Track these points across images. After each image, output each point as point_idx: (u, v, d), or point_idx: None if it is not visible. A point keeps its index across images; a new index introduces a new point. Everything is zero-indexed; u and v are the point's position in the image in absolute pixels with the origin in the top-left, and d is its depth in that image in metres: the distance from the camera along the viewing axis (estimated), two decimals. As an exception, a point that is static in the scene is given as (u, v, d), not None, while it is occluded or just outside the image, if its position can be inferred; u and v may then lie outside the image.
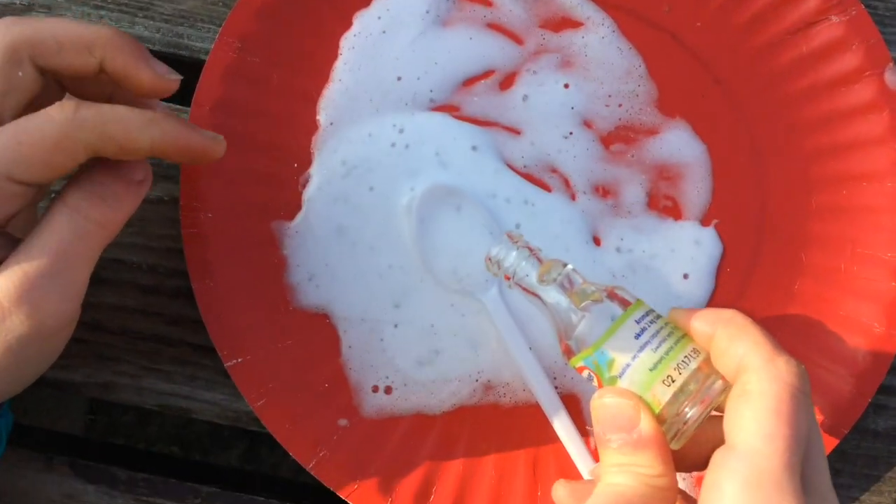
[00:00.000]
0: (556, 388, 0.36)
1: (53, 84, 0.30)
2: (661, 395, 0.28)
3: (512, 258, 0.32)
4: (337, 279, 0.37)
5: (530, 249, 0.32)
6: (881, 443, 0.38)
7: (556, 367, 0.37)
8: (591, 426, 0.32)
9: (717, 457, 0.26)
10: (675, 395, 0.28)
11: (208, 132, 0.30)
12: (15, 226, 0.29)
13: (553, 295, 0.31)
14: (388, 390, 0.36)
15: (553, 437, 0.36)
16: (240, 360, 0.35)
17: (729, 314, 0.29)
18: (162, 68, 0.30)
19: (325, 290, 0.37)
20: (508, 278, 0.32)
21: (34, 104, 0.28)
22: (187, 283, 0.36)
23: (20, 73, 0.28)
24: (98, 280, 0.37)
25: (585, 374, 0.30)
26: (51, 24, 0.28)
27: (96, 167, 0.29)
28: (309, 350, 0.36)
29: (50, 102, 0.28)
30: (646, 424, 0.27)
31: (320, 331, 0.37)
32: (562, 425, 0.36)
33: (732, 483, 0.25)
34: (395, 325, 0.37)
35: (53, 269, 0.27)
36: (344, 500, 0.35)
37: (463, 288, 0.37)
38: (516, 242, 0.32)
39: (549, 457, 0.36)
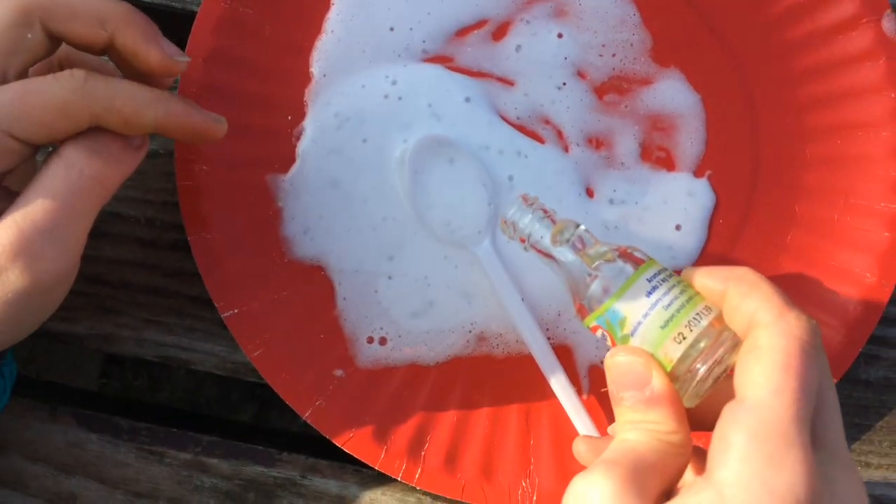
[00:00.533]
0: (548, 339, 0.37)
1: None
2: (672, 352, 0.28)
3: (526, 220, 0.32)
4: (331, 231, 0.37)
5: (545, 211, 0.32)
6: (872, 392, 0.38)
7: (547, 318, 0.37)
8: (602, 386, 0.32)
9: (727, 410, 0.26)
10: (686, 352, 0.28)
11: (210, 113, 0.31)
12: (12, 180, 0.29)
13: (566, 255, 0.31)
14: (382, 341, 0.37)
15: (545, 387, 0.36)
16: (236, 311, 0.36)
17: (741, 271, 0.29)
18: (171, 48, 0.30)
19: (320, 242, 0.37)
20: (524, 241, 0.32)
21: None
22: (184, 236, 0.36)
23: (29, 35, 0.28)
24: (97, 233, 0.37)
25: (599, 333, 0.30)
26: None
27: (95, 128, 0.29)
28: (305, 301, 0.37)
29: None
30: (657, 381, 0.28)
31: (315, 282, 0.37)
32: (553, 375, 0.36)
33: (740, 435, 0.25)
34: (390, 277, 0.37)
35: (49, 225, 0.27)
36: (341, 449, 0.36)
37: (456, 240, 0.37)
38: (531, 205, 0.32)
39: (541, 406, 0.37)
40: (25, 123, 0.27)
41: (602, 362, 0.37)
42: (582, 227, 0.32)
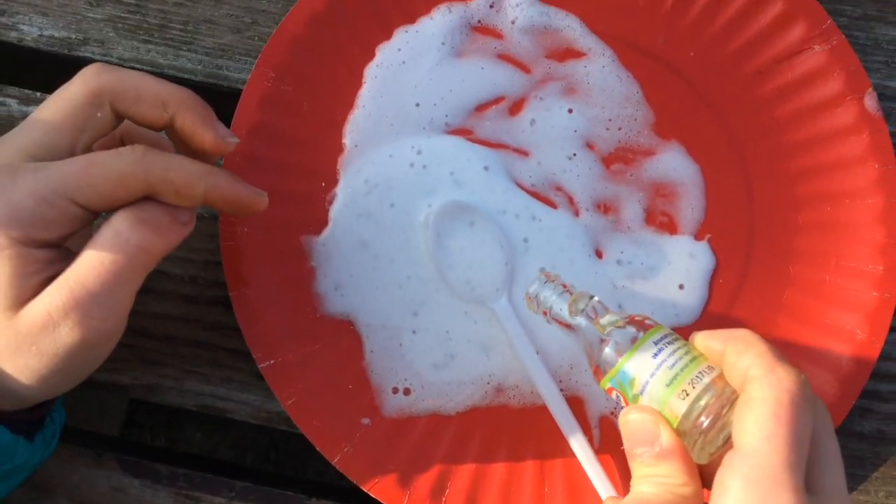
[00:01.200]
0: (561, 390, 0.39)
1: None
2: (677, 409, 0.30)
3: (546, 294, 0.35)
4: (360, 289, 0.40)
5: (563, 286, 0.35)
6: (866, 444, 0.41)
7: (561, 371, 0.40)
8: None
9: (725, 459, 0.28)
10: (690, 408, 0.30)
11: (254, 188, 0.34)
12: (73, 242, 0.32)
13: (582, 324, 0.34)
14: (406, 392, 0.40)
15: (558, 436, 0.39)
16: (272, 361, 0.39)
17: (738, 332, 0.31)
18: (223, 131, 0.33)
19: (350, 299, 0.40)
20: (546, 313, 0.36)
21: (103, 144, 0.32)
22: (225, 293, 0.39)
23: (99, 115, 0.31)
24: (144, 290, 0.40)
25: (614, 395, 0.33)
26: (135, 77, 0.32)
27: (147, 199, 0.32)
28: (335, 354, 0.40)
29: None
30: (665, 436, 0.30)
31: (345, 336, 0.40)
32: (566, 424, 0.38)
33: (735, 479, 0.27)
34: (414, 332, 0.40)
35: (97, 288, 0.29)
36: (366, 494, 0.38)
37: (475, 297, 0.40)
38: (553, 281, 0.36)
39: (555, 454, 0.39)
40: (88, 192, 0.30)
41: (612, 414, 0.40)
42: (595, 298, 0.35)
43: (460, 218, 0.41)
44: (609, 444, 0.39)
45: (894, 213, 0.40)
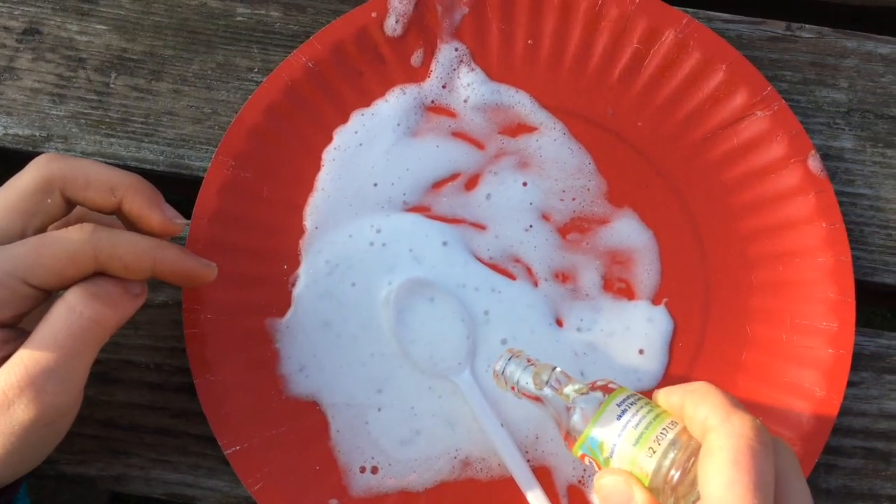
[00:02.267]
0: (528, 460, 0.40)
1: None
2: (646, 466, 0.31)
3: (511, 369, 0.36)
4: (324, 368, 0.40)
5: (528, 360, 0.36)
6: (833, 501, 0.41)
7: (526, 441, 0.40)
8: None
9: None
10: (659, 464, 0.30)
11: (202, 259, 0.35)
12: (27, 321, 0.32)
13: (549, 395, 0.35)
14: (374, 470, 0.40)
15: (528, 507, 0.39)
16: (238, 447, 0.39)
17: (695, 385, 0.32)
18: (171, 212, 0.34)
19: (314, 379, 0.40)
20: (514, 389, 0.36)
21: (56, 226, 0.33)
22: (190, 379, 0.39)
23: (49, 200, 0.32)
24: (110, 380, 0.41)
25: (587, 461, 0.33)
26: (84, 164, 0.33)
27: (98, 275, 0.32)
28: (301, 435, 0.40)
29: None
30: (639, 496, 0.30)
31: (311, 417, 0.40)
32: (534, 496, 0.39)
33: None
34: (379, 409, 0.40)
35: (51, 364, 0.30)
36: (337, 575, 0.38)
37: (439, 371, 0.40)
38: (517, 356, 0.36)
39: (525, 525, 0.39)
40: (39, 272, 0.30)
41: (579, 482, 0.40)
42: (558, 369, 0.35)
43: (421, 294, 0.41)
44: (578, 514, 0.39)
45: (844, 271, 0.41)
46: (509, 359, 0.36)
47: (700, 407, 0.30)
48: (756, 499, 0.27)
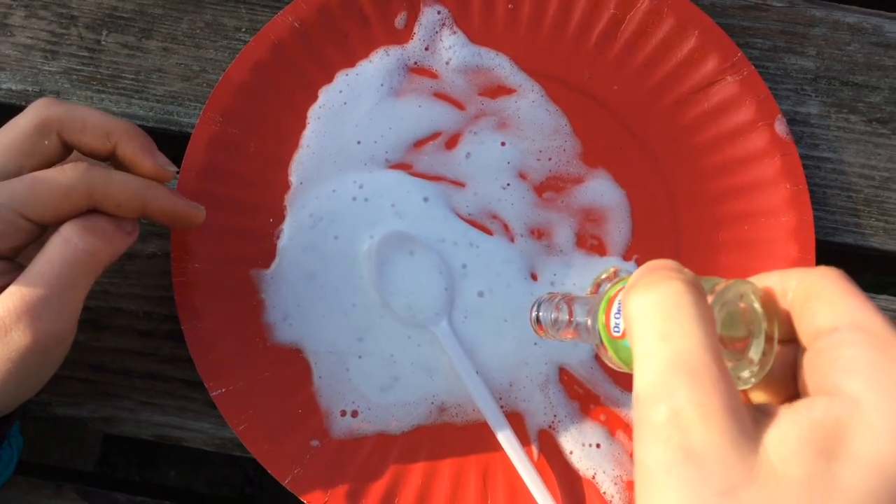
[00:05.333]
0: (501, 406, 0.42)
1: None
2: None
3: (546, 312, 0.34)
4: (308, 318, 0.42)
5: (561, 298, 0.34)
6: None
7: (500, 388, 0.42)
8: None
9: (820, 343, 0.24)
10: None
11: (191, 202, 0.36)
12: (26, 256, 0.34)
13: (576, 321, 0.32)
14: (354, 414, 0.42)
15: (500, 450, 0.41)
16: (223, 390, 0.40)
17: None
18: (162, 160, 0.36)
19: (298, 328, 0.42)
20: (569, 335, 0.33)
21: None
22: (178, 327, 0.41)
23: (46, 142, 0.34)
24: (101, 326, 0.42)
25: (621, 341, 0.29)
26: (82, 109, 0.35)
27: (92, 212, 0.34)
28: (284, 380, 0.41)
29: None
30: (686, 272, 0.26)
31: (294, 363, 0.42)
32: (506, 439, 0.41)
33: (856, 349, 0.23)
34: (360, 357, 0.42)
35: (47, 292, 0.31)
36: (318, 513, 0.40)
37: (418, 322, 0.42)
38: (552, 299, 0.35)
39: (497, 467, 0.41)
40: (35, 205, 0.32)
41: (550, 427, 0.42)
42: (558, 296, 0.34)
43: (401, 247, 0.43)
44: (548, 455, 0.41)
45: (806, 230, 0.43)
46: (538, 305, 0.35)
47: (765, 277, 0.27)
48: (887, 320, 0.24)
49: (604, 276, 0.33)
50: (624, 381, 0.42)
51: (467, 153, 0.44)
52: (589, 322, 0.31)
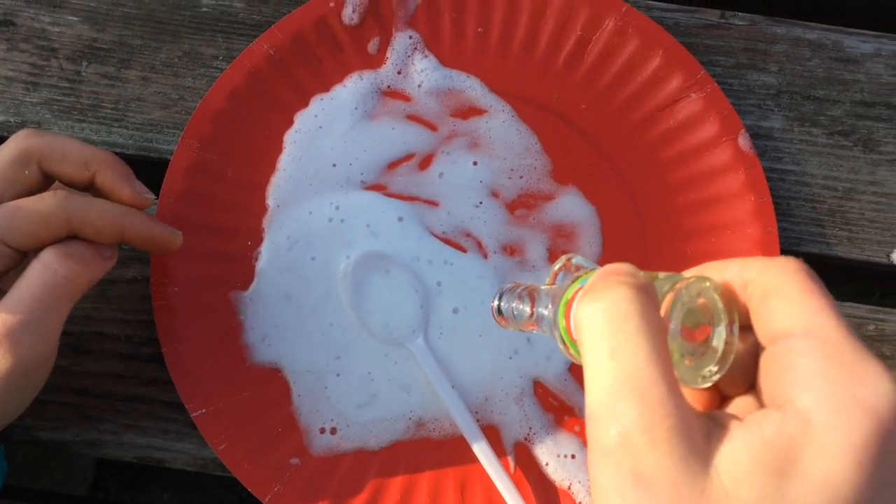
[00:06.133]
0: (477, 420, 0.42)
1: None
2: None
3: (507, 302, 0.33)
4: (286, 338, 0.43)
5: (523, 289, 0.33)
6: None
7: (476, 402, 0.43)
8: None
9: (773, 349, 0.24)
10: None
11: (168, 227, 0.37)
12: (7, 282, 0.35)
13: (537, 317, 0.32)
14: (333, 431, 0.42)
15: (477, 463, 0.42)
16: (203, 410, 0.41)
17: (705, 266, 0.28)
18: (140, 187, 0.37)
19: (276, 348, 0.43)
20: (531, 326, 0.33)
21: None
22: (159, 350, 0.42)
23: (27, 172, 0.35)
24: (83, 351, 0.43)
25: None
26: (61, 140, 0.36)
27: (72, 238, 0.35)
28: (264, 400, 0.42)
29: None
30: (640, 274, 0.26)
31: (273, 383, 0.43)
32: (483, 452, 0.41)
33: (808, 359, 0.22)
34: (338, 375, 0.43)
35: (26, 317, 0.32)
36: (299, 530, 0.41)
37: (394, 339, 0.43)
38: (514, 290, 0.33)
39: (475, 480, 0.42)
40: (15, 232, 0.33)
41: (525, 439, 0.42)
42: (524, 286, 0.33)
43: (377, 266, 0.44)
44: (524, 467, 0.42)
45: (770, 241, 0.44)
46: (500, 296, 0.34)
47: (726, 268, 0.26)
48: (848, 325, 0.23)
49: (557, 267, 0.32)
50: (598, 392, 0.43)
51: (440, 173, 0.45)
52: (548, 315, 0.30)
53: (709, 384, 0.26)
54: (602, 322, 0.24)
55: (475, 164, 0.46)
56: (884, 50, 0.48)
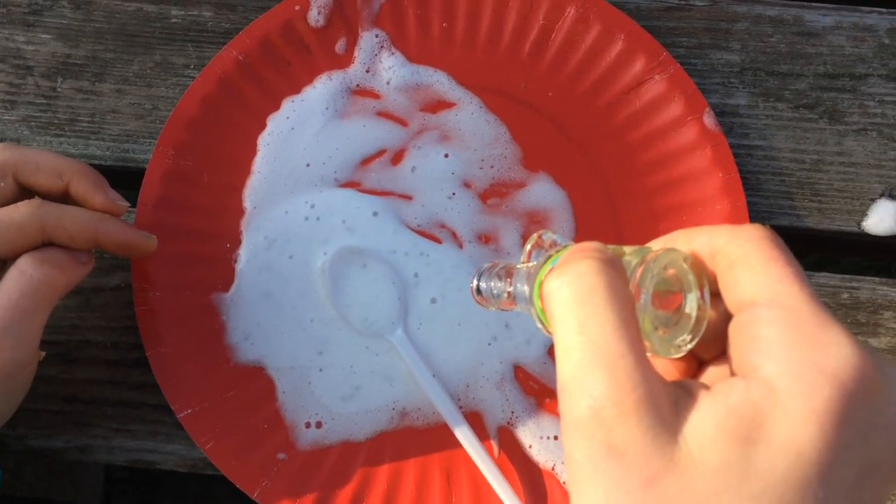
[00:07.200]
0: (460, 407, 0.43)
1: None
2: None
3: (486, 281, 0.33)
4: (268, 336, 0.44)
5: (501, 268, 0.32)
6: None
7: (458, 390, 0.44)
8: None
9: (738, 319, 0.24)
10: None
11: (142, 231, 0.38)
12: None
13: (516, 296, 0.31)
14: (318, 425, 0.43)
15: (462, 450, 0.42)
16: (189, 411, 0.42)
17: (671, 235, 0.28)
18: (113, 195, 0.38)
19: (259, 346, 0.44)
20: (511, 305, 0.32)
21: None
22: (144, 354, 0.43)
23: (2, 184, 0.36)
24: (70, 359, 0.44)
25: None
26: (35, 152, 0.37)
27: (48, 245, 0.36)
28: (249, 397, 0.43)
29: None
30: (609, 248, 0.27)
31: (258, 381, 0.43)
32: (466, 438, 0.42)
33: (771, 328, 0.23)
34: (320, 369, 0.44)
35: (5, 322, 0.33)
36: (289, 524, 0.41)
37: (374, 331, 0.44)
38: (492, 269, 0.33)
39: (460, 466, 0.43)
40: None
41: (508, 424, 0.43)
42: (500, 264, 0.33)
43: (354, 261, 0.45)
44: (508, 451, 0.43)
45: (740, 215, 0.44)
46: (479, 276, 0.34)
47: (696, 238, 0.26)
48: (814, 292, 0.24)
49: (529, 246, 0.33)
50: (577, 374, 0.44)
51: (413, 167, 0.46)
52: (524, 293, 0.30)
53: (683, 353, 0.26)
54: (569, 296, 0.25)
55: (446, 156, 0.46)
56: (844, 22, 0.48)
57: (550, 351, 0.44)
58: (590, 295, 0.24)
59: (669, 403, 0.23)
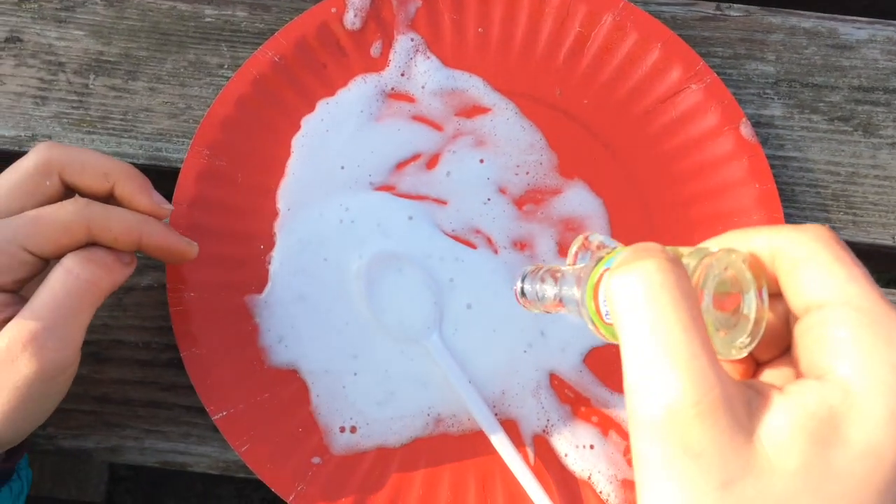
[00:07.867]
0: (495, 414, 0.43)
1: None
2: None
3: (531, 284, 0.33)
4: (302, 339, 0.43)
5: (545, 270, 0.33)
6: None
7: (493, 396, 0.43)
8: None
9: (807, 320, 0.24)
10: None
11: (185, 238, 0.38)
12: (28, 290, 0.35)
13: (564, 297, 0.31)
14: (353, 430, 0.43)
15: (497, 457, 0.42)
16: (224, 413, 0.42)
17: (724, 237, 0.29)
18: (158, 198, 0.37)
19: (293, 349, 0.43)
20: (556, 306, 0.32)
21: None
22: (177, 355, 0.42)
23: (48, 183, 0.35)
24: (102, 359, 0.44)
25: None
26: (81, 151, 0.36)
27: (93, 244, 0.35)
28: (283, 401, 0.43)
29: None
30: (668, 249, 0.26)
31: (292, 384, 0.43)
32: (502, 446, 0.42)
33: (844, 329, 0.23)
34: (355, 374, 0.43)
35: (50, 322, 0.33)
36: (322, 529, 0.41)
37: (409, 336, 0.44)
38: (536, 272, 0.33)
39: (495, 473, 0.42)
40: (37, 239, 0.33)
41: (544, 431, 0.43)
42: (543, 267, 0.33)
43: (389, 265, 0.44)
44: (543, 459, 0.43)
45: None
46: (523, 278, 0.34)
47: (753, 238, 0.26)
48: (880, 290, 0.23)
49: (576, 248, 0.33)
50: (612, 382, 0.44)
51: (448, 172, 0.46)
52: (575, 295, 0.30)
53: (744, 354, 0.26)
54: (638, 293, 0.24)
55: (482, 161, 0.46)
56: (878, 35, 0.49)
57: (586, 359, 0.44)
58: (660, 293, 0.24)
59: (743, 404, 0.23)
